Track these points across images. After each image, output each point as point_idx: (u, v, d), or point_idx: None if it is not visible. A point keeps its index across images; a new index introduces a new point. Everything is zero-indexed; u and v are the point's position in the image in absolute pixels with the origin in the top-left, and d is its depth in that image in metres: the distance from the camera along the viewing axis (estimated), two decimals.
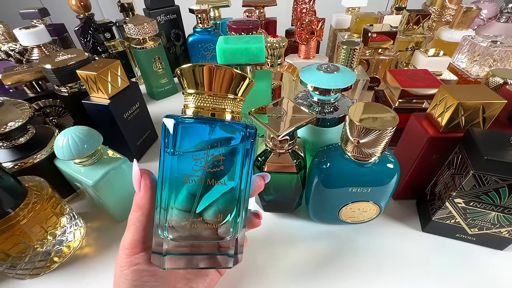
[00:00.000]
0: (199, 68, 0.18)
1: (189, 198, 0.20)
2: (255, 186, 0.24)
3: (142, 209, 0.22)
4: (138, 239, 0.22)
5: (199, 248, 0.22)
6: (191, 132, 0.19)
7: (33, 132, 0.36)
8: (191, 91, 0.19)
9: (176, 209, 0.20)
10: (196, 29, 0.64)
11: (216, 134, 0.19)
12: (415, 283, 0.30)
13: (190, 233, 0.21)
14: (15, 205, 0.28)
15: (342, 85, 0.31)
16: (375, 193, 0.29)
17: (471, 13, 0.56)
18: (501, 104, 0.28)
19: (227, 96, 0.19)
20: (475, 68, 0.47)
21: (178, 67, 0.19)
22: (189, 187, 0.20)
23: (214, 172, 0.20)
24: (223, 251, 0.22)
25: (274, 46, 0.43)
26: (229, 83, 0.19)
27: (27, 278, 0.32)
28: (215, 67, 0.18)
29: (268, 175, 0.25)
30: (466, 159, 0.28)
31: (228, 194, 0.21)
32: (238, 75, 0.19)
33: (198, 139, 0.19)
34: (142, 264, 0.22)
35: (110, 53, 0.65)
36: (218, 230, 0.21)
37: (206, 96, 0.19)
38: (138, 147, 0.48)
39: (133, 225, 0.22)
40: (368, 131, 0.24)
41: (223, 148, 0.20)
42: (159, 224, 0.20)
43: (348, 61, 0.45)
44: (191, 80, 0.19)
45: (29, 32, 0.48)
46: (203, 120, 0.19)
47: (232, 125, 0.20)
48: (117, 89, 0.41)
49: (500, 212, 0.29)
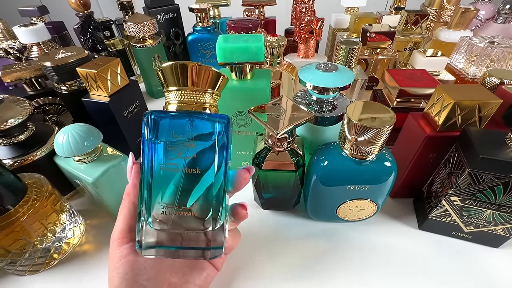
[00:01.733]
0: (180, 66, 0.20)
1: (172, 189, 0.21)
2: (240, 179, 0.23)
3: (129, 195, 0.22)
4: (126, 228, 0.22)
5: (180, 238, 0.21)
6: (171, 124, 0.21)
7: (33, 129, 0.36)
8: (173, 88, 0.21)
9: (158, 201, 0.21)
10: (196, 28, 0.64)
11: (194, 125, 0.21)
12: (411, 281, 0.31)
13: (170, 222, 0.21)
14: (15, 202, 0.28)
15: (340, 84, 0.31)
16: (373, 191, 0.30)
17: (469, 14, 0.56)
18: (497, 104, 0.28)
19: (207, 91, 0.21)
20: (473, 69, 0.47)
21: (158, 67, 0.21)
22: (167, 176, 0.21)
23: (189, 160, 0.21)
24: (203, 243, 0.22)
25: (274, 45, 0.43)
26: (207, 79, 0.21)
27: (27, 275, 0.32)
28: (196, 64, 0.20)
29: (253, 167, 0.25)
30: (462, 157, 0.28)
31: (208, 186, 0.21)
32: (215, 72, 0.21)
33: (177, 131, 0.21)
34: (131, 255, 0.21)
35: (109, 52, 0.65)
36: (198, 219, 0.21)
37: (188, 92, 0.21)
38: (137, 145, 0.48)
39: (121, 213, 0.22)
40: (366, 129, 0.24)
41: (196, 136, 0.21)
42: (141, 212, 0.21)
43: (347, 60, 0.46)
44: (172, 77, 0.21)
45: (28, 30, 0.48)
46: (183, 113, 0.21)
47: (210, 116, 0.21)
48: (116, 87, 0.41)
49: (495, 210, 0.29)
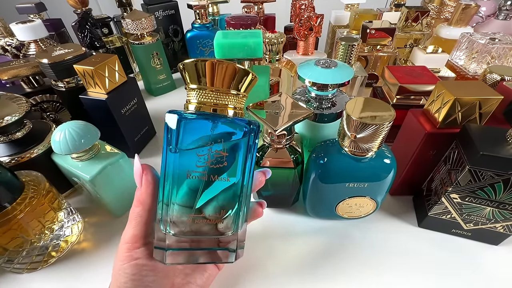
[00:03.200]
0: (201, 63, 0.18)
1: (191, 194, 0.20)
2: (256, 182, 0.24)
3: (143, 204, 0.22)
4: (139, 234, 0.22)
5: (199, 243, 0.22)
6: (194, 127, 0.19)
7: (30, 126, 0.36)
8: (194, 86, 0.19)
9: (177, 205, 0.20)
10: (195, 25, 0.64)
11: (218, 129, 0.19)
12: (411, 278, 0.31)
13: (191, 228, 0.21)
14: (12, 200, 0.28)
15: (339, 80, 0.31)
16: (372, 188, 0.30)
17: (469, 10, 0.56)
18: (497, 100, 0.28)
19: (230, 91, 0.19)
20: (473, 65, 0.47)
21: (181, 62, 0.18)
22: (190, 183, 0.20)
23: (216, 168, 0.20)
24: (223, 246, 0.22)
25: (273, 42, 0.43)
26: (231, 78, 0.19)
27: (25, 272, 0.32)
28: (218, 62, 0.18)
29: (269, 170, 0.25)
30: (462, 154, 0.28)
31: (229, 190, 0.21)
32: (241, 70, 0.19)
33: (200, 135, 0.19)
34: (141, 259, 0.22)
35: (108, 49, 0.65)
36: (219, 225, 0.21)
37: (208, 92, 0.19)
38: (136, 142, 0.48)
39: (134, 220, 0.22)
40: (365, 126, 0.24)
41: (226, 143, 0.20)
42: (161, 219, 0.20)
43: (347, 57, 0.46)
44: (193, 75, 0.19)
45: (26, 27, 0.48)
46: (206, 116, 0.19)
47: (235, 121, 0.19)
48: (114, 84, 0.41)
49: (495, 207, 0.29)
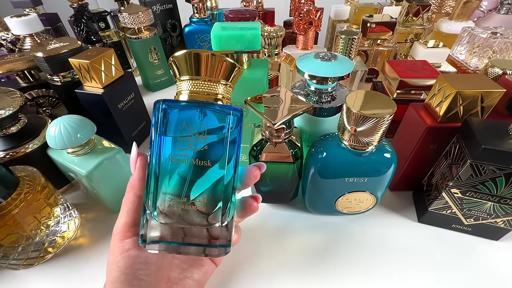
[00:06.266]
0: (194, 54, 0.19)
1: (179, 181, 0.20)
2: (250, 176, 0.23)
3: (134, 188, 0.22)
4: (130, 222, 0.22)
5: (189, 238, 0.21)
6: (182, 115, 0.20)
7: (25, 121, 0.35)
8: (185, 77, 0.20)
9: (164, 193, 0.20)
10: (193, 19, 0.63)
11: (206, 117, 0.20)
12: (410, 273, 0.30)
13: (178, 216, 0.21)
14: (7, 195, 0.27)
15: (339, 73, 0.30)
16: (372, 183, 0.29)
17: (471, 4, 0.55)
18: (500, 93, 0.28)
19: (220, 81, 0.20)
20: (474, 60, 0.47)
21: (171, 56, 0.20)
22: (179, 171, 0.20)
23: (199, 152, 0.20)
24: (213, 243, 0.22)
25: (271, 35, 0.42)
26: (221, 70, 0.20)
27: (21, 269, 0.32)
28: (210, 54, 0.19)
29: (264, 164, 0.24)
30: (464, 148, 0.28)
31: (217, 180, 0.21)
32: (230, 63, 0.20)
33: (188, 121, 0.20)
34: (133, 250, 0.21)
35: (104, 43, 0.64)
36: (208, 216, 0.21)
37: (200, 82, 0.20)
38: (133, 138, 0.47)
39: (125, 207, 0.22)
40: (365, 119, 0.23)
41: (209, 129, 0.20)
42: (147, 206, 0.20)
43: (346, 51, 0.45)
44: (184, 66, 0.20)
45: (21, 21, 0.47)
46: (194, 104, 0.20)
47: (223, 108, 0.20)
48: (111, 79, 0.40)
49: (496, 202, 0.28)
